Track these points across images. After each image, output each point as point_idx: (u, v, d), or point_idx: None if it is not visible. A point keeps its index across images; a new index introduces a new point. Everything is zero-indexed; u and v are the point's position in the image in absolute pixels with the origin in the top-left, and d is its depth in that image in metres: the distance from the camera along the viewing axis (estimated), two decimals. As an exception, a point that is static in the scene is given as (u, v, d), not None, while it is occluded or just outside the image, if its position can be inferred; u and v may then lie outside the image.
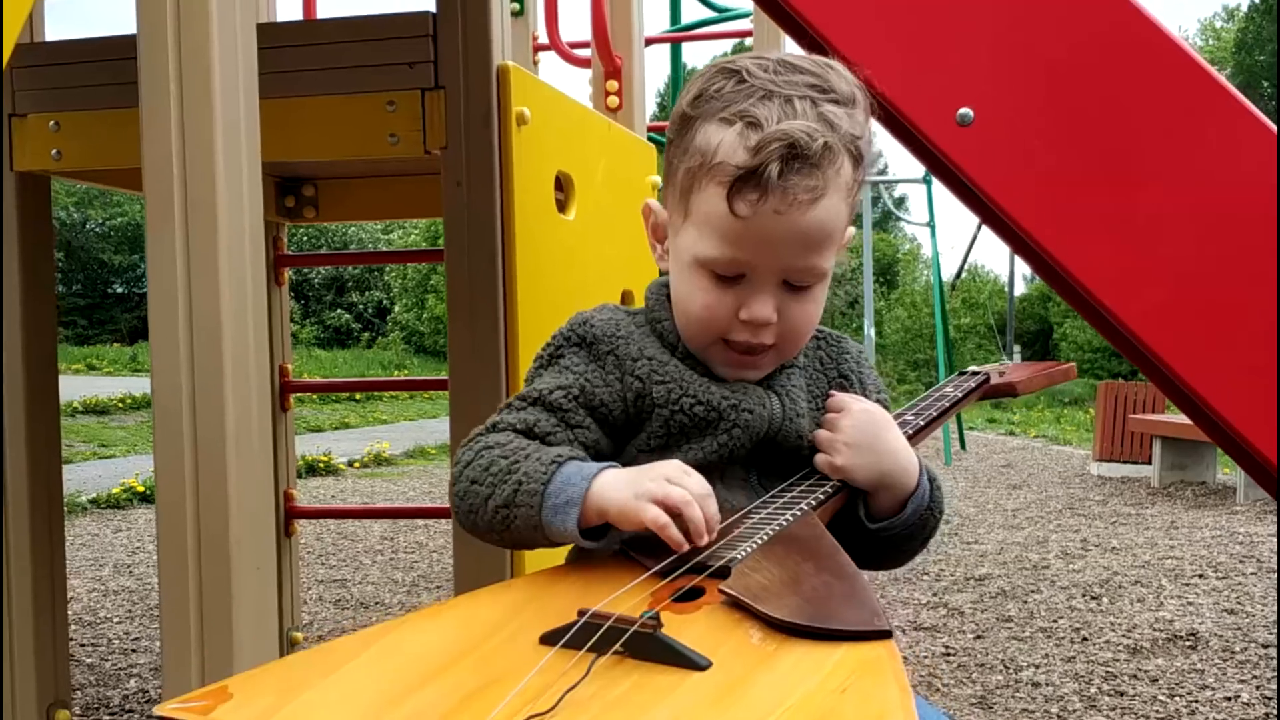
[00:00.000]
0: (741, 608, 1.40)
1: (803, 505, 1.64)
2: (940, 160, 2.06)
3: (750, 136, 1.62)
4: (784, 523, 1.59)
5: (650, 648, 1.29)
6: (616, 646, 1.28)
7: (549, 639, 1.33)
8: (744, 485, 1.73)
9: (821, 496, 1.68)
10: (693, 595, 1.45)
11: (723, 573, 1.46)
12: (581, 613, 1.35)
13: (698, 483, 1.55)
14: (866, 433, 1.74)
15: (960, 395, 2.15)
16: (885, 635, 1.35)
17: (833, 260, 1.72)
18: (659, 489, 1.51)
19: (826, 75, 1.69)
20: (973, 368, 2.30)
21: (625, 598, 1.42)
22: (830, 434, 1.75)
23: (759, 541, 1.53)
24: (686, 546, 1.50)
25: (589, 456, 1.67)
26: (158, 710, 1.25)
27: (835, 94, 1.67)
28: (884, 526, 1.76)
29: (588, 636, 1.30)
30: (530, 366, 1.81)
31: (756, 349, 1.72)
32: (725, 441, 1.70)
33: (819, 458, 1.75)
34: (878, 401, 1.86)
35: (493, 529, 1.61)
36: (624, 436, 1.75)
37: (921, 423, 1.97)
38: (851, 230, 1.81)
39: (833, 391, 1.83)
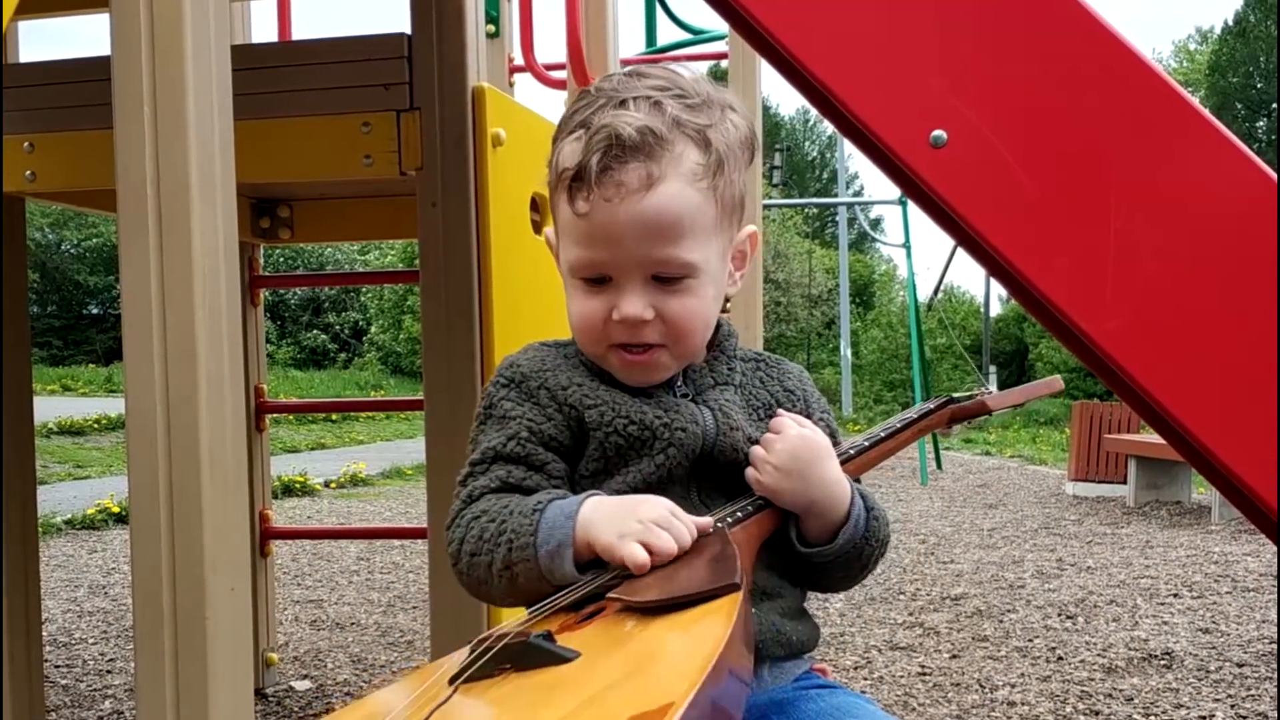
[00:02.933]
0: (627, 609, 1.45)
1: (719, 523, 1.66)
2: (914, 182, 2.07)
3: (583, 139, 1.67)
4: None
5: (528, 656, 1.34)
6: (486, 661, 1.35)
7: (455, 678, 1.37)
8: (685, 503, 1.70)
9: (740, 514, 1.69)
10: (596, 615, 1.50)
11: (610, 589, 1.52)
12: (478, 642, 1.40)
13: (685, 526, 1.56)
14: (798, 458, 1.73)
15: (915, 416, 2.14)
16: (733, 589, 1.41)
17: (705, 251, 1.72)
18: (653, 535, 1.53)
19: (674, 78, 1.73)
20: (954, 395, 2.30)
21: (530, 628, 1.46)
22: (763, 453, 1.75)
23: None
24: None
25: (568, 489, 1.70)
26: None
27: (678, 90, 1.71)
28: (815, 553, 1.76)
29: (480, 660, 1.35)
30: (473, 426, 1.81)
31: (641, 348, 1.73)
32: (662, 461, 1.71)
33: (748, 472, 1.75)
34: (820, 421, 1.87)
35: (507, 592, 1.64)
36: (577, 462, 1.75)
37: (866, 443, 1.98)
38: (751, 228, 1.85)
39: (780, 411, 1.83)
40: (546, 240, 1.90)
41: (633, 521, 1.54)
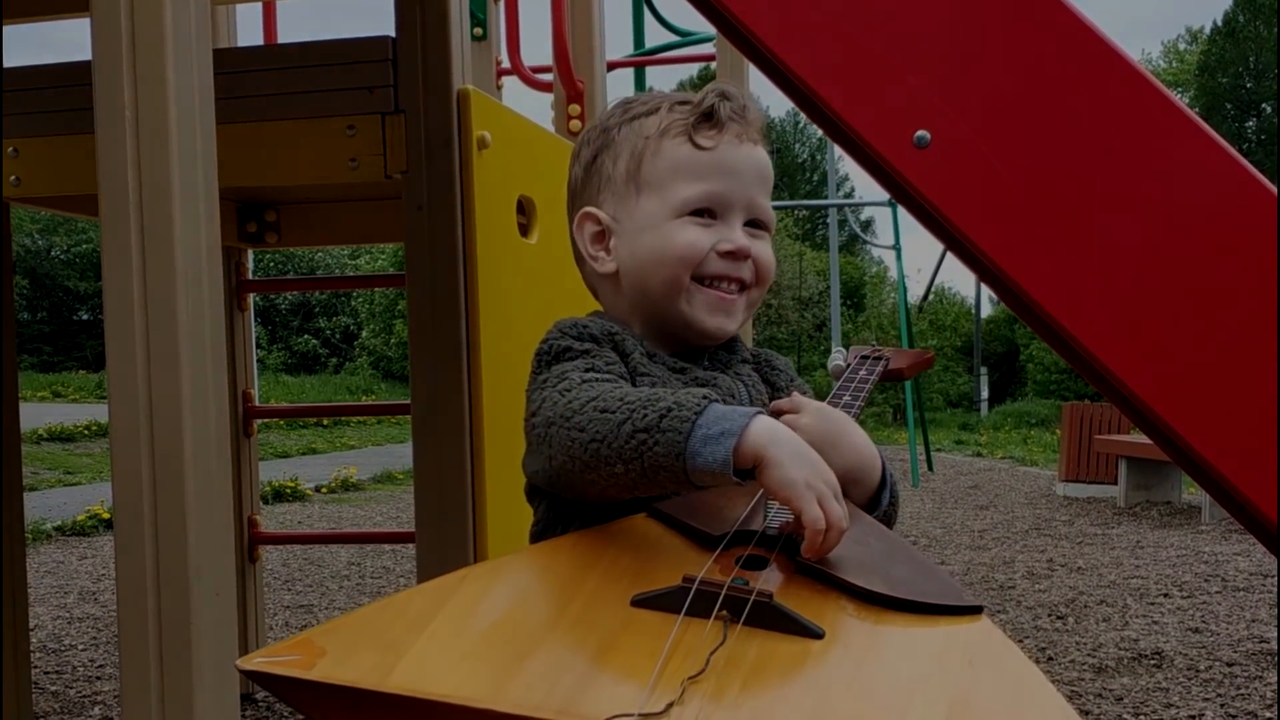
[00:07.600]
0: (823, 578, 1.43)
1: None
2: (899, 184, 2.07)
3: (680, 108, 1.85)
4: None
5: (764, 615, 1.32)
6: (719, 612, 1.32)
7: (653, 603, 1.35)
8: None
9: None
10: (756, 563, 1.46)
11: (773, 542, 1.50)
12: (687, 579, 1.37)
13: (844, 510, 1.51)
14: (826, 430, 1.72)
15: (875, 378, 2.19)
16: (977, 610, 1.39)
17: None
18: (830, 500, 1.47)
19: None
20: (869, 349, 2.35)
21: (697, 561, 1.45)
22: None
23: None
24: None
25: None
26: (242, 664, 1.26)
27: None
28: None
29: (695, 601, 1.34)
30: (533, 376, 1.76)
31: (735, 282, 1.83)
32: None
33: None
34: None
35: (621, 457, 1.51)
36: None
37: (861, 404, 2.01)
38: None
39: (793, 392, 1.86)
40: (591, 217, 1.93)
41: (819, 479, 1.48)
